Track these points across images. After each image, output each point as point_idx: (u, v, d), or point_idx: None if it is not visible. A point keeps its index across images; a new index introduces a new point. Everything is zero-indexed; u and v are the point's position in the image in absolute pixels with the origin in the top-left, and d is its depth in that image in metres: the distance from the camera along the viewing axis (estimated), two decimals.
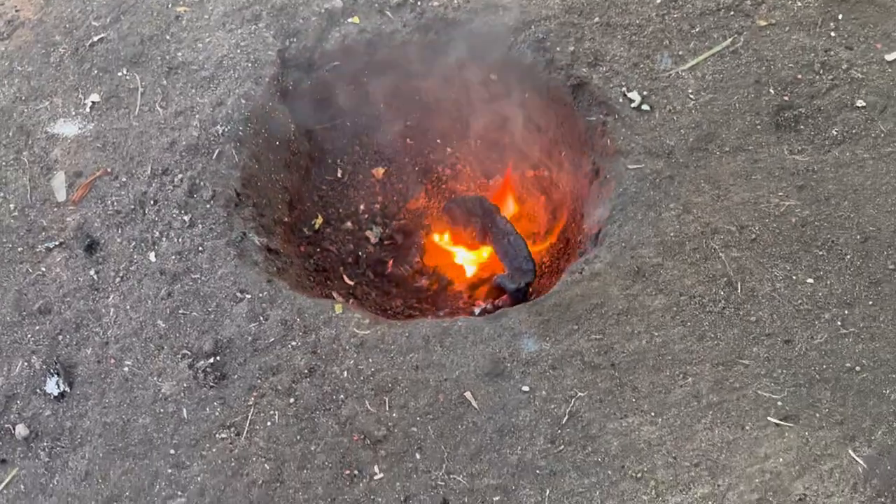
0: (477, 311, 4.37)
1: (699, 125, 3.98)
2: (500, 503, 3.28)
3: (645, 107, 4.05)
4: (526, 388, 3.45)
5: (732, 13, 4.25)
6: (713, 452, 3.31)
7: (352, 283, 4.48)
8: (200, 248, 3.80)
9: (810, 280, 3.61)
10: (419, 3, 4.41)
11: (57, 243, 3.90)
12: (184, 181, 3.94)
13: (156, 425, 3.50)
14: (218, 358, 3.58)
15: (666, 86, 4.09)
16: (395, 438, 3.40)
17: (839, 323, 3.53)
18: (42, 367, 3.66)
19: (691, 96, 4.05)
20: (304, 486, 3.35)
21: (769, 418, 3.36)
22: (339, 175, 4.76)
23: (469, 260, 4.79)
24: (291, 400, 3.49)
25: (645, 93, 4.08)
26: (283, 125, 4.33)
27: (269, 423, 3.45)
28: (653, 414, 3.38)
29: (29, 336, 3.74)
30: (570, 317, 3.59)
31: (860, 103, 3.98)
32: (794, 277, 3.62)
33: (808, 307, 3.56)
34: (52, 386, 3.60)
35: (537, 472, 3.31)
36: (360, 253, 4.65)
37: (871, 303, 3.56)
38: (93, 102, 4.23)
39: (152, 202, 3.92)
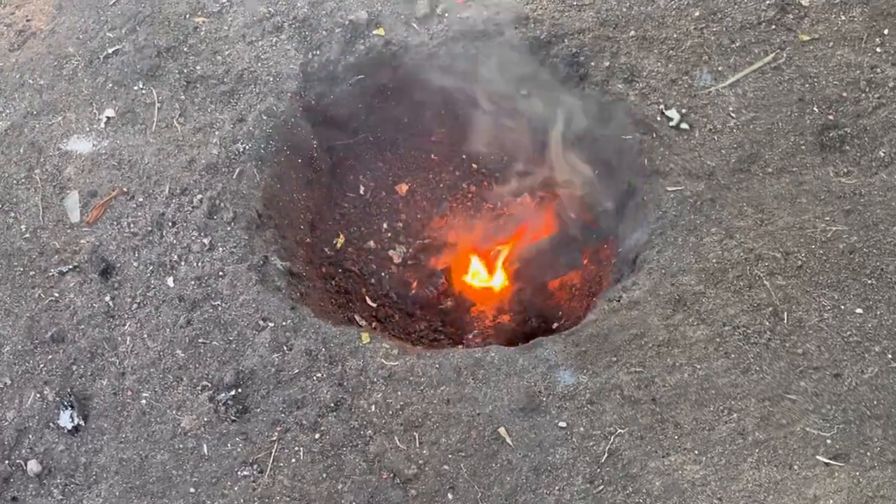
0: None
1: (741, 145, 3.85)
2: None
3: (684, 125, 3.93)
4: (563, 424, 3.34)
5: (774, 27, 4.12)
6: (760, 493, 3.18)
7: (374, 305, 4.37)
8: (221, 273, 3.70)
9: (859, 310, 3.48)
10: (447, 15, 4.30)
11: (70, 267, 3.81)
12: (203, 202, 3.85)
13: (175, 462, 3.41)
14: (240, 390, 3.49)
15: (705, 103, 3.97)
16: (427, 477, 3.29)
17: (890, 356, 3.40)
18: (55, 398, 3.57)
19: (732, 115, 3.92)
20: None
21: (818, 457, 3.23)
22: (361, 192, 4.65)
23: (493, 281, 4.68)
24: (317, 435, 3.39)
25: (684, 111, 3.96)
26: (306, 142, 4.25)
27: (293, 461, 3.35)
28: (696, 452, 3.26)
29: (41, 366, 3.65)
30: (608, 348, 3.48)
31: None
32: (842, 307, 3.49)
33: (857, 339, 3.43)
34: (66, 419, 3.52)
35: None
36: (383, 274, 4.55)
37: None
38: (108, 118, 4.15)
39: (170, 224, 3.83)
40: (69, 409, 3.52)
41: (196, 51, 4.27)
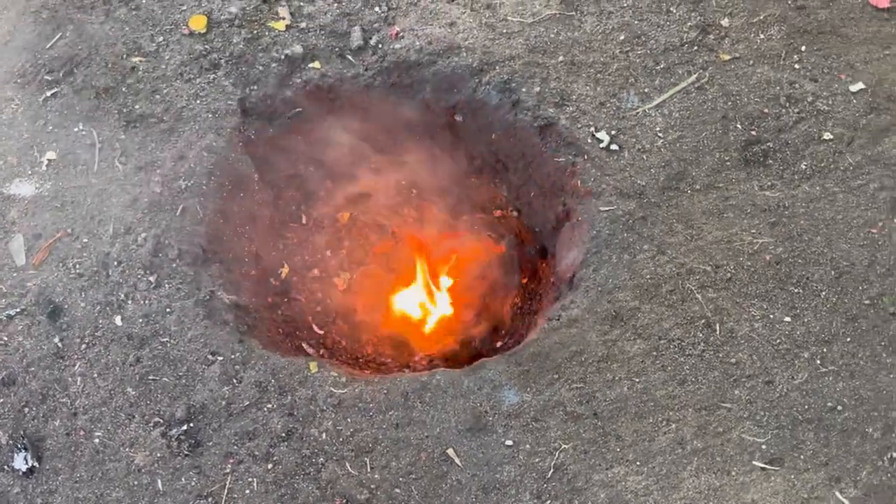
0: None
1: (669, 163, 3.95)
2: None
3: (614, 146, 4.02)
4: (509, 442, 3.40)
5: (696, 48, 4.24)
6: (700, 500, 3.28)
7: (321, 332, 4.39)
8: (168, 310, 3.70)
9: (787, 318, 3.60)
10: (381, 47, 4.35)
11: (18, 310, 3.77)
12: (148, 240, 3.84)
13: (130, 499, 3.40)
14: (191, 424, 3.49)
15: (634, 124, 4.06)
16: (379, 501, 3.33)
17: (818, 361, 3.52)
18: (8, 441, 3.53)
19: (659, 134, 4.03)
20: None
21: (754, 462, 3.34)
22: (303, 221, 4.68)
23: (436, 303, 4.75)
24: (270, 465, 3.41)
25: (613, 132, 4.04)
26: (247, 176, 4.24)
27: (247, 492, 3.37)
28: (638, 463, 3.35)
29: None
30: (549, 366, 3.55)
31: (827, 136, 3.97)
32: (771, 316, 3.60)
33: (786, 346, 3.55)
34: (20, 461, 3.48)
35: None
36: (328, 301, 4.56)
37: (848, 339, 3.56)
38: (49, 160, 4.10)
39: (116, 263, 3.81)
40: (23, 451, 3.48)
41: (134, 90, 4.25)
